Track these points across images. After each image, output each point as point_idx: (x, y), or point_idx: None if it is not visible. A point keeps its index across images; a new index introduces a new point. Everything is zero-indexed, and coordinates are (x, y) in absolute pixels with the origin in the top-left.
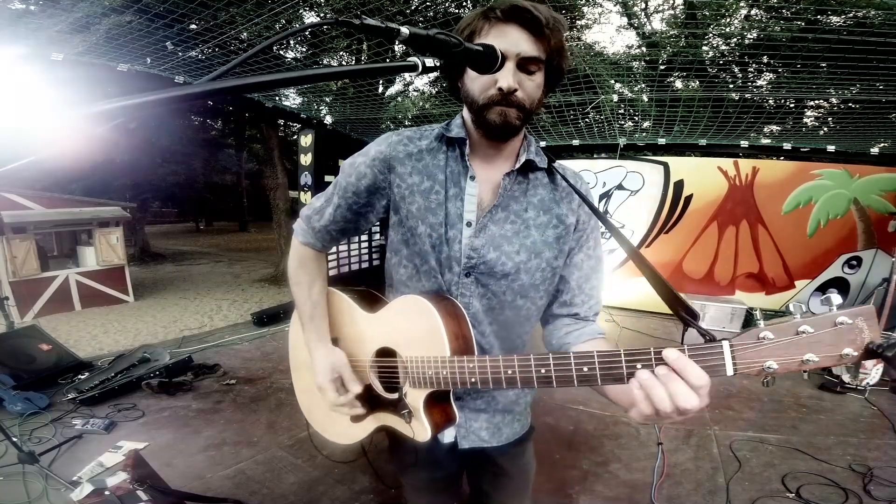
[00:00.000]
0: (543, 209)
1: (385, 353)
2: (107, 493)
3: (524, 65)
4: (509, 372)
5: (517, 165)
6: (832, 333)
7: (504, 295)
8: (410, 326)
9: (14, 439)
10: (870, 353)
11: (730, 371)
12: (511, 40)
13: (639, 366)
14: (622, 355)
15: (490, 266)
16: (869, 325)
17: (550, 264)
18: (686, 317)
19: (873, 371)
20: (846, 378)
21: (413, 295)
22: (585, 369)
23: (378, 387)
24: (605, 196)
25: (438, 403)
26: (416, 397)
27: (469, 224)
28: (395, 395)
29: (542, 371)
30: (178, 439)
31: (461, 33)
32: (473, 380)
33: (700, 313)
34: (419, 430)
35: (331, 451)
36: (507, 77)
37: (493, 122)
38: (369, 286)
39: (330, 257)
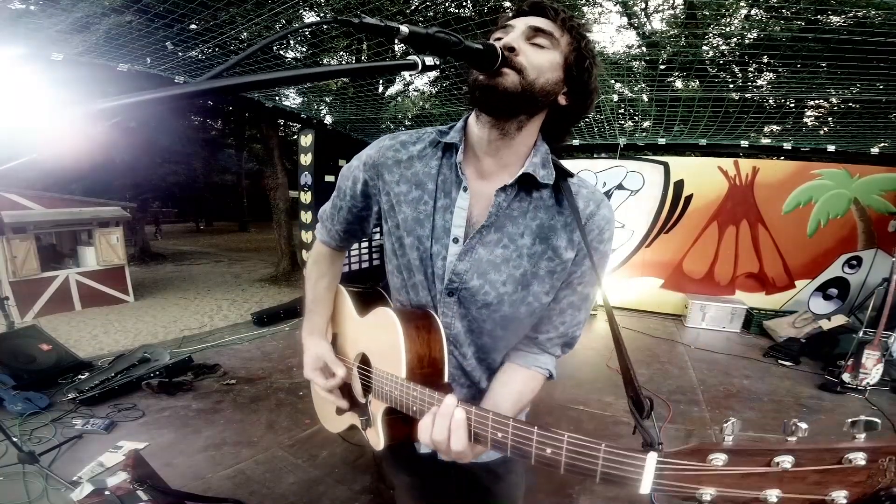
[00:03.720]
0: (540, 237)
1: (364, 357)
2: (107, 493)
3: (533, 36)
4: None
5: (513, 179)
6: (824, 472)
7: (484, 323)
8: (380, 339)
9: (14, 439)
10: (872, 502)
11: (645, 490)
12: (524, 18)
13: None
14: (533, 433)
15: (472, 293)
16: None
17: (539, 299)
18: (631, 406)
19: (873, 371)
20: (846, 378)
21: (388, 309)
22: (499, 435)
23: (357, 388)
24: (606, 196)
25: (400, 417)
26: (377, 407)
27: (456, 240)
28: (364, 401)
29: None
30: (178, 439)
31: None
32: (415, 409)
33: (647, 404)
34: (373, 438)
35: (332, 452)
36: (507, 38)
37: (478, 82)
38: (373, 285)
39: None
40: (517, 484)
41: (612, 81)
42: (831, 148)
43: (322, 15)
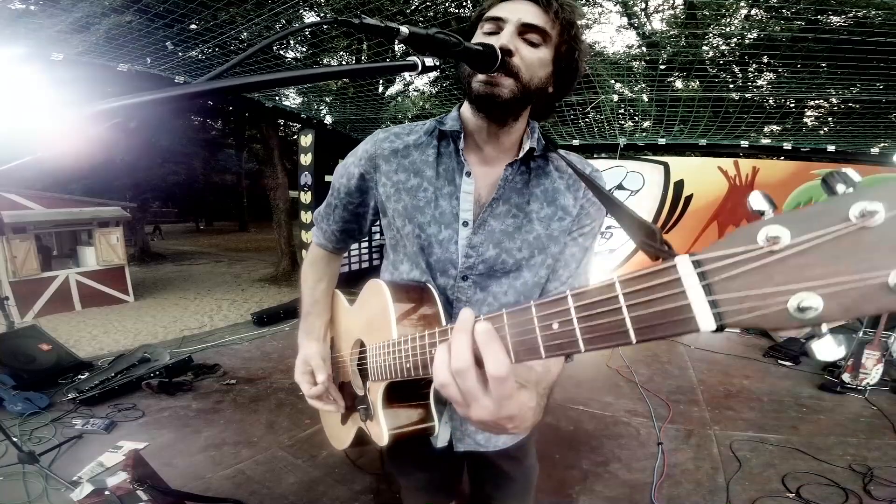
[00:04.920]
0: (547, 200)
1: (361, 344)
2: (107, 493)
3: (525, 32)
4: (433, 352)
5: (520, 155)
6: None
7: (506, 296)
8: (370, 312)
9: (14, 439)
10: None
11: (706, 323)
12: (514, 8)
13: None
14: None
15: (489, 265)
16: None
17: (556, 259)
18: (641, 237)
19: (873, 371)
20: (846, 378)
21: (376, 279)
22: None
23: (356, 383)
24: None
25: (405, 402)
26: (375, 392)
27: (466, 224)
28: (363, 392)
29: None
30: (178, 439)
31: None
32: (408, 365)
33: (653, 227)
34: (375, 430)
35: (331, 451)
36: (503, 36)
37: (477, 91)
38: None
39: None
40: (534, 466)
41: (612, 81)
42: (831, 148)
43: (322, 15)
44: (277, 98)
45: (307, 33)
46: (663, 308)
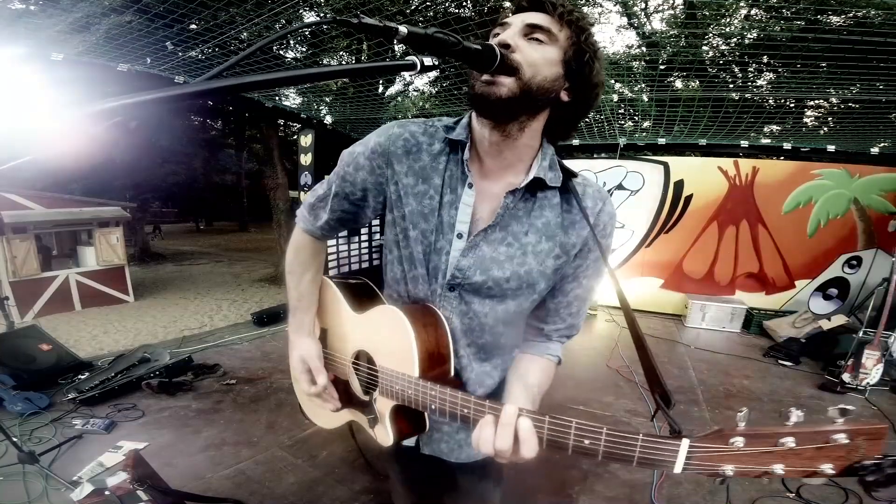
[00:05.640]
0: (547, 235)
1: (364, 355)
2: (107, 492)
3: (530, 32)
4: (464, 411)
5: (524, 183)
6: (817, 449)
7: (486, 317)
8: (387, 338)
9: (14, 439)
10: (849, 472)
11: (677, 470)
12: (521, 15)
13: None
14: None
15: (475, 288)
16: (870, 446)
17: (541, 294)
18: (658, 401)
19: (873, 371)
20: (846, 378)
21: (394, 307)
22: (544, 432)
23: (355, 385)
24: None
25: (408, 414)
26: (384, 405)
27: (460, 236)
28: (367, 398)
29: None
30: (178, 439)
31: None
32: (433, 407)
33: (670, 397)
34: (382, 435)
35: (331, 451)
36: (503, 35)
37: (476, 91)
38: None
39: (330, 257)
40: (493, 491)
41: (612, 81)
42: (831, 148)
43: (322, 15)
44: (277, 98)
45: (307, 33)
46: (658, 458)
